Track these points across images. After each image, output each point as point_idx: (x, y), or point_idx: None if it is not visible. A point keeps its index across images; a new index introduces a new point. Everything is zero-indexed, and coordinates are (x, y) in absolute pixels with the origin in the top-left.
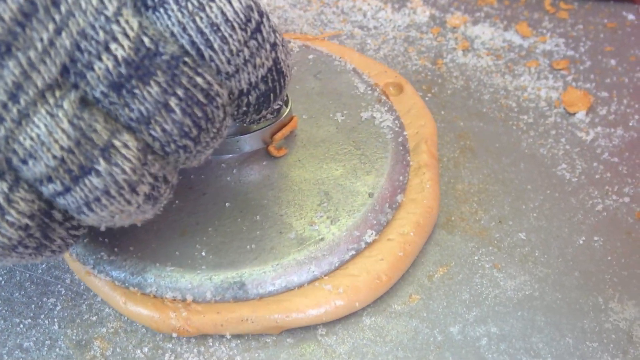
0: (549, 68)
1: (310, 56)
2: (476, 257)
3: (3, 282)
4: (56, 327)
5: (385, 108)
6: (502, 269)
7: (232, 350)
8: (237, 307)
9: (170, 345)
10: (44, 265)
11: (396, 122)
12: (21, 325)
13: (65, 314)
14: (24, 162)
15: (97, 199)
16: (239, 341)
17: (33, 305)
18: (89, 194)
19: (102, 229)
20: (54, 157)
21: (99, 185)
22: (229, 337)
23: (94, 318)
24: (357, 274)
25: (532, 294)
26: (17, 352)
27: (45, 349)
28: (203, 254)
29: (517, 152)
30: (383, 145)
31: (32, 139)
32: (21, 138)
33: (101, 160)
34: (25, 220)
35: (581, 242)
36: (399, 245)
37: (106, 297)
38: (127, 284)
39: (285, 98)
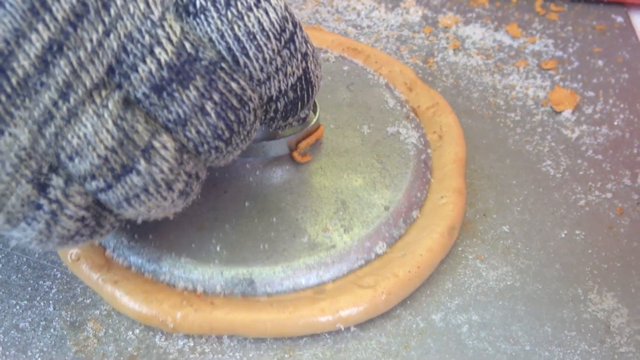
0: (538, 68)
1: (345, 67)
2: (460, 248)
3: (0, 265)
4: (51, 308)
5: (413, 125)
6: (485, 260)
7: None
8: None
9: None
10: (40, 250)
11: (421, 139)
12: (17, 307)
13: (60, 297)
14: (71, 159)
15: (137, 196)
16: None
17: (29, 288)
18: (129, 191)
19: (139, 222)
20: (99, 156)
21: (139, 183)
22: None
23: (88, 301)
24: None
25: (513, 284)
26: (13, 331)
27: (40, 329)
28: (217, 248)
29: (503, 149)
30: (405, 161)
31: (79, 137)
32: (69, 136)
33: (142, 161)
34: (82, 212)
35: (563, 235)
36: (412, 263)
37: (91, 285)
38: (143, 270)
39: (314, 107)
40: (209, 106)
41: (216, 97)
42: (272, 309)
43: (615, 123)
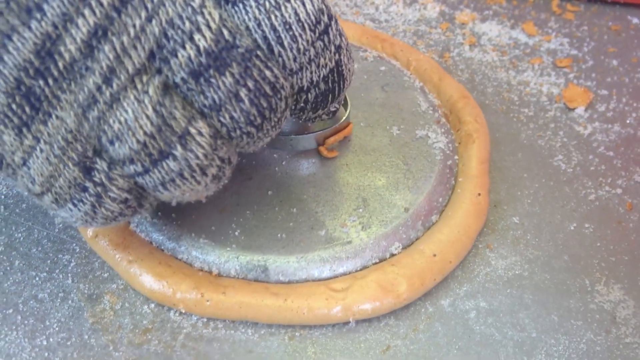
0: (552, 65)
1: (382, 68)
2: None
3: (22, 238)
4: (69, 281)
5: (442, 130)
6: (494, 249)
7: None
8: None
9: None
10: (60, 225)
11: (449, 145)
12: (37, 278)
13: (79, 270)
14: (111, 143)
15: (172, 180)
16: None
17: (49, 261)
18: (165, 175)
19: (173, 204)
20: (138, 141)
21: (175, 168)
22: None
23: (106, 275)
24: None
25: (521, 273)
26: (32, 302)
27: (59, 300)
28: (236, 233)
29: (515, 142)
30: (430, 165)
31: (120, 122)
32: (111, 121)
33: (178, 147)
34: (125, 195)
35: (572, 228)
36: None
37: (108, 261)
38: (162, 247)
39: (344, 104)
40: (243, 92)
41: (250, 84)
42: (286, 303)
43: (628, 121)
